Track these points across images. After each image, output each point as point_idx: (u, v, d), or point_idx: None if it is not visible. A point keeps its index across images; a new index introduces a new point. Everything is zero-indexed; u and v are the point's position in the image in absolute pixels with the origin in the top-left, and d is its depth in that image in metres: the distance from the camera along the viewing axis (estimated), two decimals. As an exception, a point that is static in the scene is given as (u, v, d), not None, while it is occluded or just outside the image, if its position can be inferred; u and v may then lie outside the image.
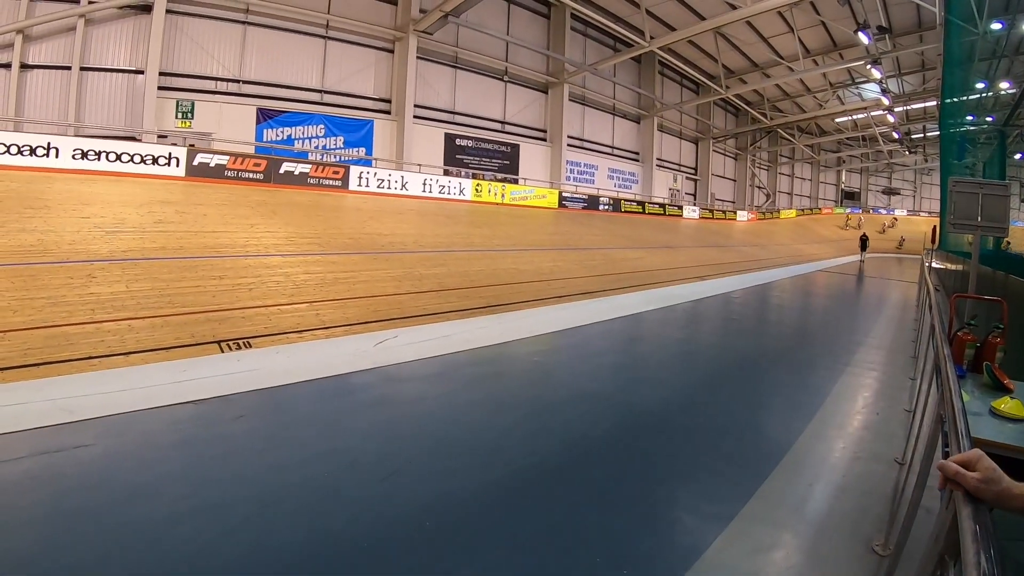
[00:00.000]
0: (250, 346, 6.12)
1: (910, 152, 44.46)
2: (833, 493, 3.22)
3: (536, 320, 8.68)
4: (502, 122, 24.26)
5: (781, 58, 27.89)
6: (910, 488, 2.14)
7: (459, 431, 3.29)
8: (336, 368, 4.74)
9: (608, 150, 29.32)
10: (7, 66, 14.53)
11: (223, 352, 5.85)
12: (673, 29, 24.20)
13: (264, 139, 17.59)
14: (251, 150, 16.66)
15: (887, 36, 23.29)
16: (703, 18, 23.48)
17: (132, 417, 2.81)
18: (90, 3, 15.20)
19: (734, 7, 20.76)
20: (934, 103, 30.22)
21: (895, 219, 38.35)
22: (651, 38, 23.21)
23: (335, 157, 18.72)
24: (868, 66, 23.89)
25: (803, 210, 44.15)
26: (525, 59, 24.51)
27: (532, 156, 24.88)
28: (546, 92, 25.83)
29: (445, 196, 19.59)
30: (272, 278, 8.27)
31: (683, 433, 3.90)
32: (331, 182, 16.78)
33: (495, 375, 5.15)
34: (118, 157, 13.59)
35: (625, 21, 24.51)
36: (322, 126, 18.84)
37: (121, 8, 15.59)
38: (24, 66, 14.72)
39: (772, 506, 2.97)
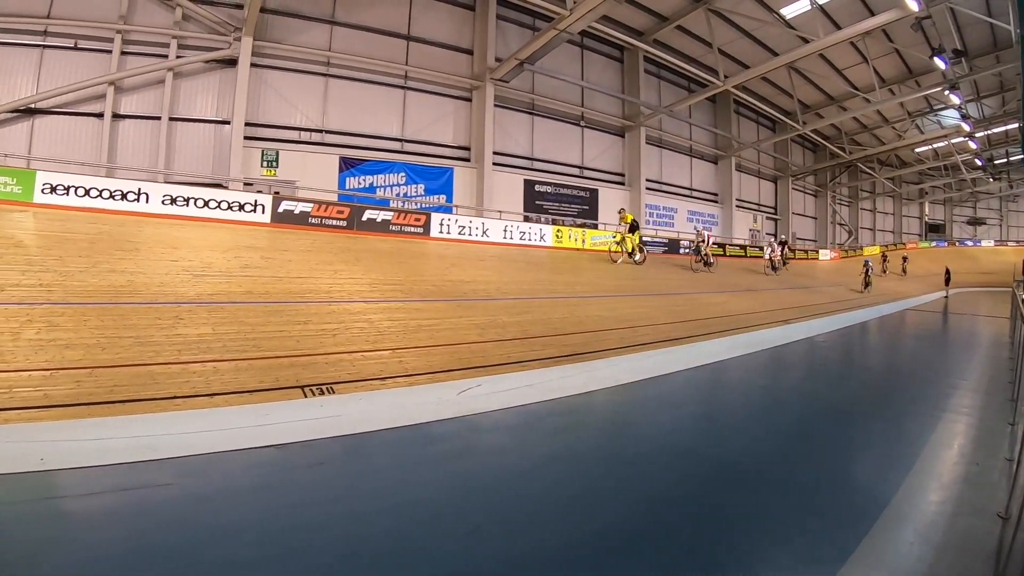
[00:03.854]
0: (333, 392, 6.06)
1: (994, 179, 42.82)
2: (934, 552, 3.05)
3: (620, 368, 8.37)
4: (580, 167, 24.14)
5: (856, 89, 27.11)
6: (1018, 547, 2.05)
7: (540, 486, 3.11)
8: (419, 416, 4.58)
9: (687, 192, 28.69)
10: (100, 115, 15.39)
11: (306, 397, 5.82)
12: (746, 67, 24.04)
13: (347, 187, 17.99)
14: (334, 198, 16.92)
15: (963, 59, 22.59)
16: (775, 54, 23.23)
17: (213, 458, 2.78)
18: (178, 57, 16.02)
19: (806, 40, 20.43)
20: (1016, 125, 29.42)
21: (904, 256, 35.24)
22: (725, 77, 22.95)
23: (416, 204, 18.98)
24: (946, 92, 23.56)
25: (886, 246, 41.70)
26: (601, 104, 24.47)
27: (611, 200, 24.49)
28: (623, 136, 25.66)
29: (526, 242, 19.46)
30: (356, 324, 8.24)
31: (772, 488, 3.68)
32: (413, 229, 16.87)
33: (578, 426, 4.95)
34: (205, 203, 14.03)
35: (698, 61, 24.23)
36: (403, 174, 19.18)
37: (207, 62, 16.40)
38: (116, 116, 15.53)
39: (870, 567, 2.82)
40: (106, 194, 13.55)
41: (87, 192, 13.53)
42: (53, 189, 13.56)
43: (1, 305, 7.94)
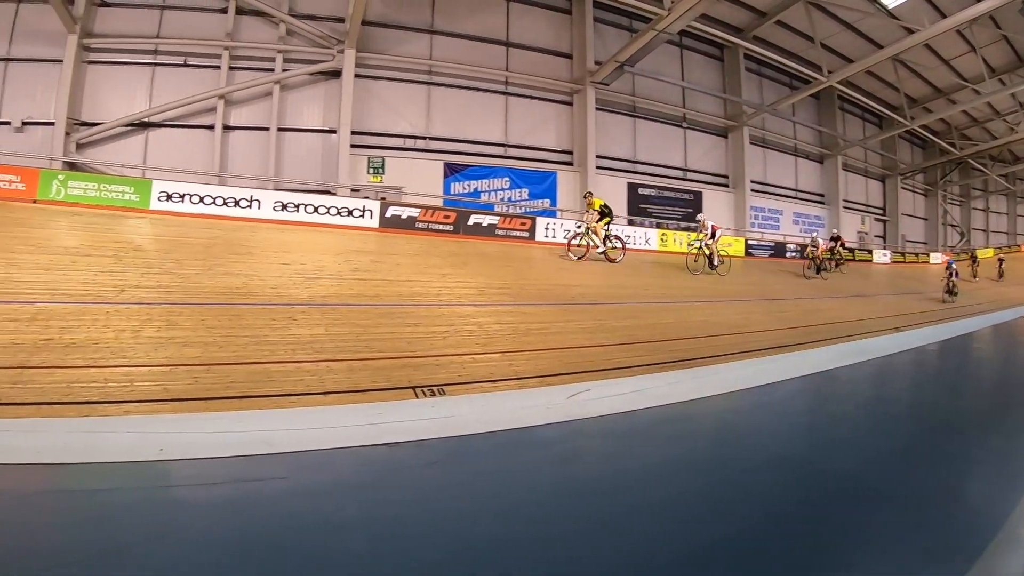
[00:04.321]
0: (444, 393, 6.10)
1: (1116, 173, 38.60)
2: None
3: (727, 376, 8.14)
4: (683, 169, 23.34)
5: (965, 80, 25.53)
6: None
7: (650, 492, 2.63)
8: (528, 419, 3.98)
9: (792, 193, 27.33)
10: (211, 127, 15.99)
11: (418, 398, 5.91)
12: (849, 60, 22.70)
13: (451, 192, 18.04)
14: (439, 203, 17.06)
15: (1076, 42, 20.30)
16: (879, 46, 21.80)
17: (327, 454, 2.58)
18: (284, 71, 16.47)
19: (910, 31, 19.28)
20: None
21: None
22: (828, 72, 21.92)
23: (520, 209, 18.80)
24: (1059, 80, 21.22)
25: (1001, 247, 38.43)
26: (702, 104, 23.68)
27: (715, 203, 23.59)
28: (726, 136, 24.69)
29: (631, 246, 18.74)
30: (465, 327, 8.27)
31: (883, 504, 2.83)
32: (519, 233, 16.79)
33: (687, 434, 4.22)
34: (315, 209, 14.33)
35: (799, 57, 23.21)
36: (507, 178, 19.08)
37: (312, 75, 16.79)
38: (227, 127, 16.04)
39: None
40: (220, 201, 13.99)
41: (201, 199, 13.96)
42: (169, 197, 13.97)
43: (123, 304, 8.33)
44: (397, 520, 1.98)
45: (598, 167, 20.25)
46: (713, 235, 16.02)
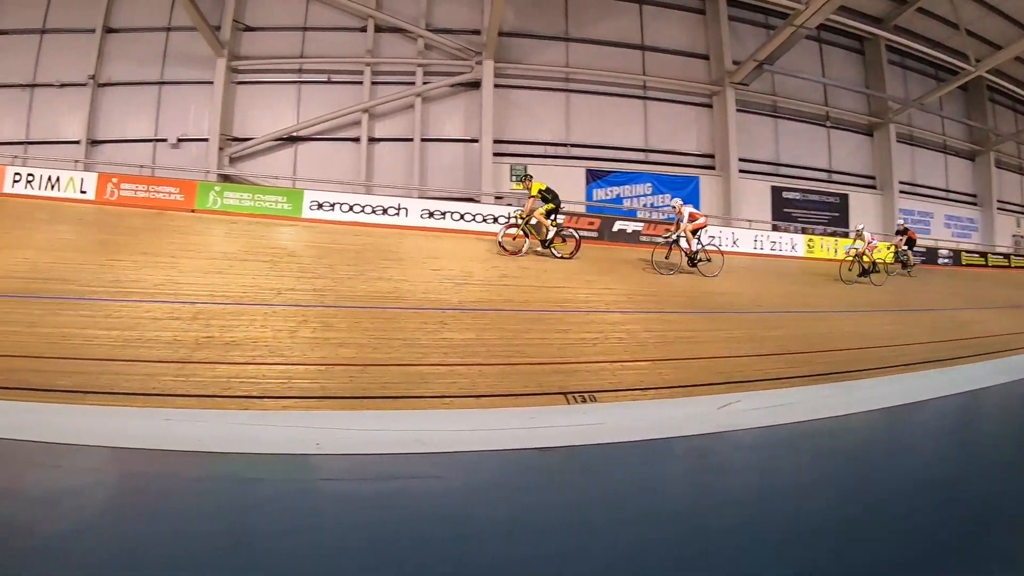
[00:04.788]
0: (595, 400, 6.26)
1: None
2: None
3: (880, 391, 7.10)
4: (828, 171, 22.00)
5: None
6: None
7: (803, 512, 2.00)
8: (678, 429, 3.40)
9: (942, 194, 25.36)
10: (357, 140, 16.53)
11: (569, 403, 6.01)
12: (998, 47, 20.96)
13: (594, 198, 17.80)
14: (582, 209, 16.84)
15: None
16: None
17: (479, 456, 2.33)
18: (424, 84, 16.81)
19: None
20: None
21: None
22: (976, 61, 20.38)
23: (663, 215, 18.17)
24: None
25: None
26: (845, 101, 22.39)
27: (862, 206, 22.13)
28: (870, 134, 23.13)
29: (777, 253, 18.26)
30: (614, 334, 8.32)
31: None
32: (663, 240, 15.39)
33: (840, 451, 3.40)
34: (461, 216, 14.48)
35: (944, 45, 21.63)
36: (649, 184, 18.65)
37: (452, 86, 17.02)
38: (372, 139, 16.50)
39: None
40: (368, 209, 14.41)
41: (351, 208, 14.40)
42: (320, 206, 14.39)
43: (279, 306, 8.81)
44: (549, 524, 1.85)
45: (740, 170, 19.40)
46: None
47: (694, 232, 12.47)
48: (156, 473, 2.17)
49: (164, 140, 16.51)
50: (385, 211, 14.44)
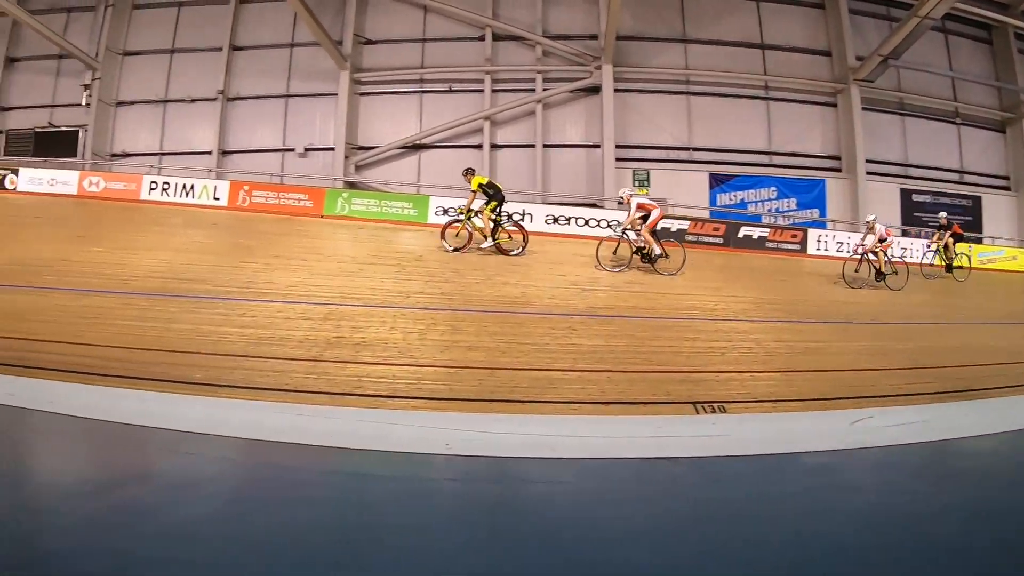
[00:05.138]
0: (724, 410, 6.13)
1: None
2: None
3: (1018, 412, 6.04)
4: (959, 171, 20.87)
5: None
6: None
7: (940, 538, 1.90)
8: (808, 444, 3.24)
9: None
10: (479, 147, 16.91)
11: (697, 414, 5.95)
12: None
13: (717, 203, 17.56)
14: (706, 214, 16.72)
15: None
16: None
17: (608, 463, 2.35)
18: (544, 90, 17.05)
19: None
20: None
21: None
22: None
23: (788, 220, 17.87)
24: None
25: None
26: (975, 95, 21.19)
27: (996, 209, 20.83)
28: (1003, 131, 21.71)
29: (908, 259, 16.73)
30: (743, 344, 8.27)
31: None
32: (789, 246, 16.15)
33: (980, 474, 3.02)
34: (586, 222, 14.57)
35: None
36: (774, 188, 18.27)
37: (572, 92, 17.18)
38: (494, 146, 16.87)
39: None
40: None
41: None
42: (445, 211, 14.75)
43: (408, 309, 8.94)
44: (676, 536, 1.80)
45: (868, 172, 18.72)
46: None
47: (649, 223, 11.22)
48: (289, 465, 2.26)
49: (292, 150, 17.56)
50: (509, 216, 14.25)
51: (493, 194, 11.59)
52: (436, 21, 17.63)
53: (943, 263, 14.86)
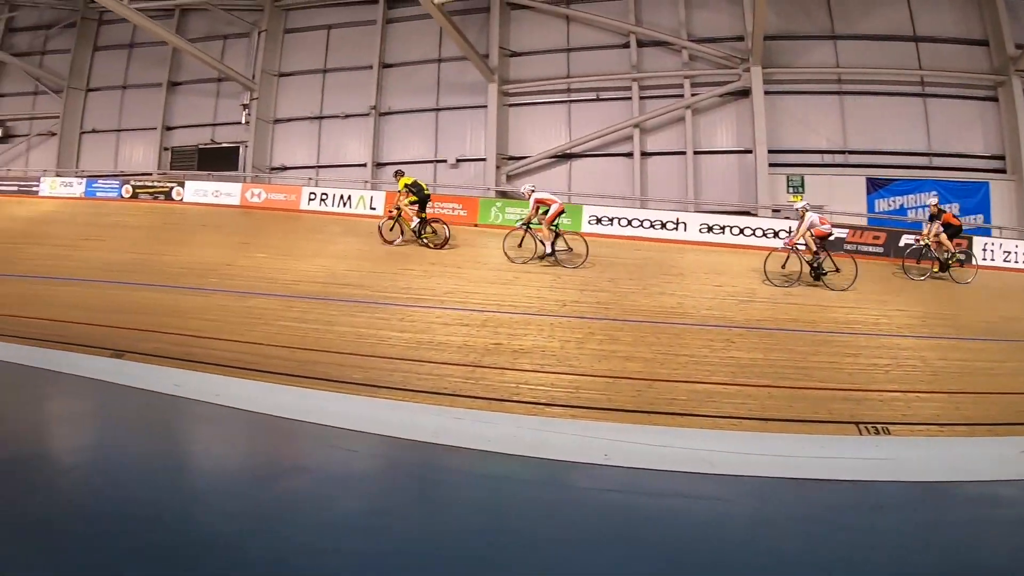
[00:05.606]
0: (887, 432, 6.07)
1: None
2: None
3: None
4: None
5: None
6: None
7: None
8: (976, 472, 3.15)
9: None
10: (629, 155, 17.37)
11: (860, 434, 5.89)
12: None
13: (875, 209, 17.01)
14: (863, 222, 16.26)
15: None
16: None
17: (766, 482, 2.39)
18: (692, 95, 17.26)
19: None
20: None
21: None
22: None
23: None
24: None
25: None
26: None
27: None
28: None
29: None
30: (907, 361, 8.15)
31: None
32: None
33: None
34: (741, 231, 14.60)
35: None
36: (935, 193, 17.05)
37: (721, 96, 17.25)
38: (644, 154, 17.23)
39: None
40: (647, 224, 15.18)
41: (629, 222, 15.29)
42: (598, 220, 15.43)
43: (564, 317, 9.28)
44: (836, 564, 1.78)
45: (1037, 171, 17.78)
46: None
47: (552, 219, 12.14)
48: (445, 466, 2.42)
49: (443, 161, 18.81)
50: (664, 225, 15.06)
51: (417, 192, 13.18)
52: (580, 30, 18.22)
53: (939, 260, 13.15)
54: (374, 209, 16.90)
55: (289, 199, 17.86)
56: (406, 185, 13.13)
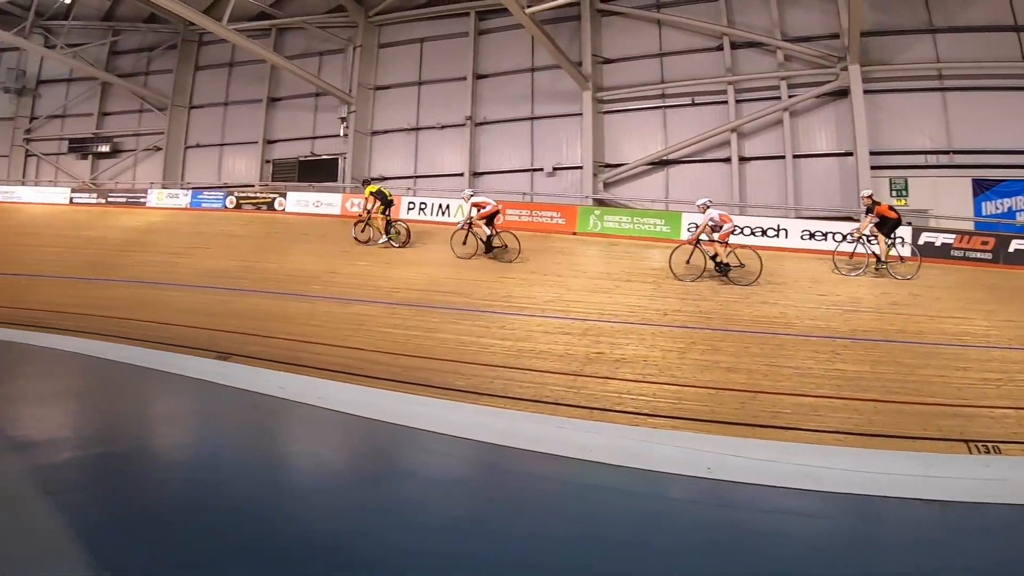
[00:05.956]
0: (999, 451, 5.93)
1: None
2: None
3: None
4: None
5: None
6: None
7: None
8: None
9: None
10: (726, 160, 17.58)
11: (970, 453, 5.80)
12: None
13: (983, 212, 16.26)
14: (969, 226, 15.58)
15: None
16: None
17: (875, 502, 2.34)
18: (789, 97, 17.29)
19: None
20: None
21: None
22: None
23: None
24: None
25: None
26: None
27: None
28: None
29: None
30: (1020, 375, 7.87)
31: None
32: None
33: None
34: (843, 238, 14.14)
35: None
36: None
37: (819, 97, 17.15)
38: (742, 159, 17.42)
39: None
40: (747, 231, 15.14)
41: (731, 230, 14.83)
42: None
43: (666, 327, 9.24)
44: None
45: None
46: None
47: (488, 222, 14.09)
48: (546, 474, 2.46)
49: (540, 169, 19.55)
50: (764, 232, 15.07)
51: (382, 198, 15.19)
52: (672, 34, 18.57)
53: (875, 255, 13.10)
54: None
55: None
56: (371, 192, 15.18)
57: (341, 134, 21.83)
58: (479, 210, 14.08)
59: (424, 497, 2.30)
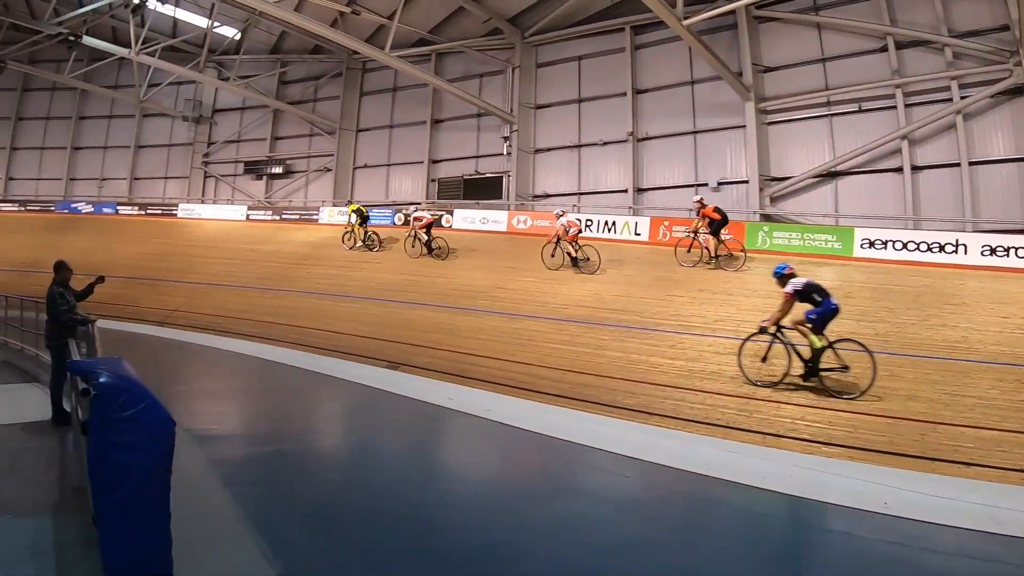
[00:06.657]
0: None
1: None
2: None
3: None
4: None
5: None
6: None
7: None
8: None
9: None
10: (898, 170, 17.42)
11: None
12: None
13: None
14: None
15: None
16: None
17: None
18: (961, 98, 16.80)
19: None
20: None
21: None
22: None
23: None
24: None
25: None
26: None
27: None
28: None
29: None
30: None
31: None
32: None
33: None
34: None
35: None
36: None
37: (993, 96, 16.51)
38: (914, 168, 17.25)
39: None
40: (923, 247, 15.11)
41: (904, 245, 15.41)
42: (871, 244, 15.79)
43: (843, 350, 8.33)
44: None
45: None
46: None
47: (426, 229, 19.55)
48: (717, 499, 2.52)
49: (705, 184, 20.44)
50: (942, 248, 14.76)
51: (360, 215, 21.08)
52: (832, 37, 18.70)
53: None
54: (639, 235, 19.30)
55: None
56: (353, 210, 21.16)
57: (504, 152, 23.97)
58: (420, 222, 19.62)
59: (595, 516, 2.31)
